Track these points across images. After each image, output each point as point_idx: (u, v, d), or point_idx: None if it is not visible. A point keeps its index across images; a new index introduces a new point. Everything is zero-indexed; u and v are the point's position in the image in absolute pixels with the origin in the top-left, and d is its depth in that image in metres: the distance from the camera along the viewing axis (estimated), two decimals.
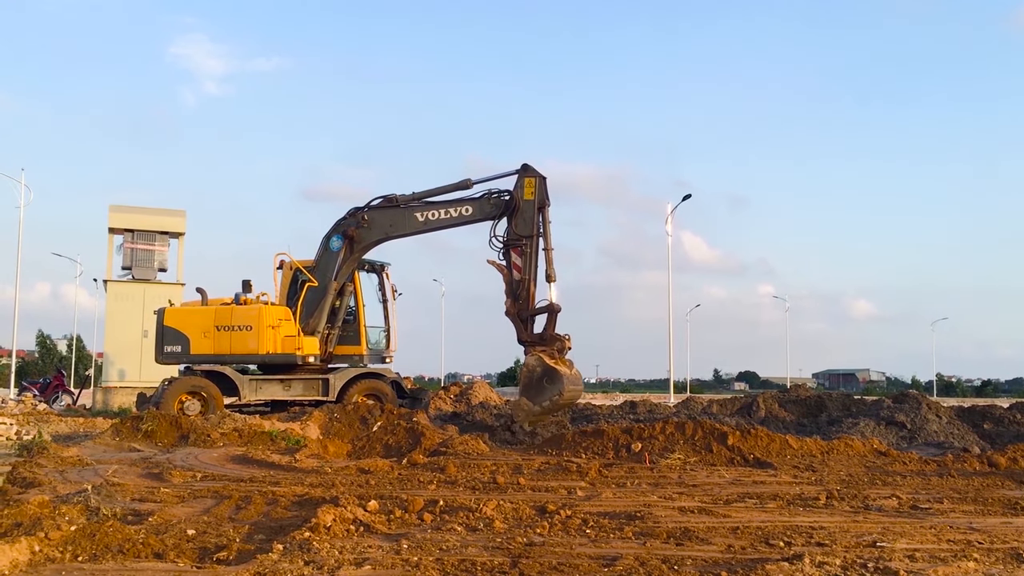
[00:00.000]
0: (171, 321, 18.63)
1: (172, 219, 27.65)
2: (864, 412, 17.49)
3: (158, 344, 18.73)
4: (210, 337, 18.42)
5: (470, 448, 12.66)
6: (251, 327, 18.42)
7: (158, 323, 18.82)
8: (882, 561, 5.61)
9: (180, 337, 18.50)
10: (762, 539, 6.47)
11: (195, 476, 9.89)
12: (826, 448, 12.67)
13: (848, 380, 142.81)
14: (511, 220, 17.24)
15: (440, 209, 17.86)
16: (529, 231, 17.09)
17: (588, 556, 5.78)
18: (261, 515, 7.42)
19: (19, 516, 6.26)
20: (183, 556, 5.68)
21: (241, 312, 18.53)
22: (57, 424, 18.86)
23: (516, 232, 17.12)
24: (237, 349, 18.45)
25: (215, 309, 18.67)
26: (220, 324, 18.48)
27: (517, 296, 16.96)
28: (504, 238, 17.29)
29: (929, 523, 7.27)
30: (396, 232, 18.28)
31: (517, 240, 17.08)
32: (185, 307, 19.42)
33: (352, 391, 18.59)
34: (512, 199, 17.31)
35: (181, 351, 18.48)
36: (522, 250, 17.05)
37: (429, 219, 17.92)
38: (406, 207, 17.95)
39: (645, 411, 19.33)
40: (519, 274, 17.02)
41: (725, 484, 9.77)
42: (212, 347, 18.44)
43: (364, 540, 6.24)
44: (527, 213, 17.17)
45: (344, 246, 18.31)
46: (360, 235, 18.20)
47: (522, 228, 17.09)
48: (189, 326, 18.60)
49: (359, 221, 18.14)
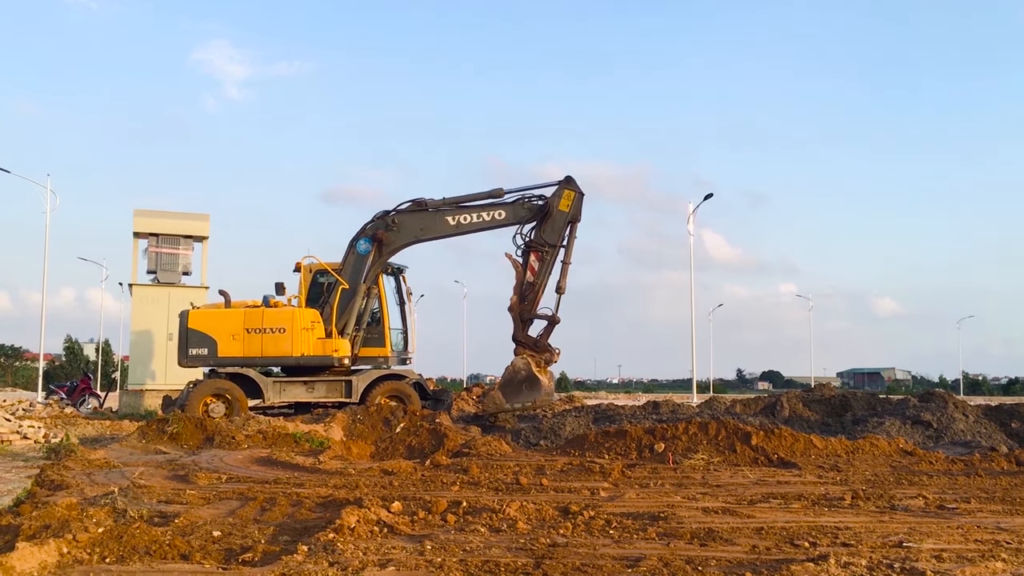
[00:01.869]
0: (196, 324, 18.58)
1: (196, 223, 27.86)
2: (890, 411, 17.34)
3: (182, 347, 18.69)
4: (239, 340, 18.44)
5: (493, 449, 12.67)
6: (284, 329, 18.53)
7: (182, 326, 18.79)
8: (908, 561, 5.56)
9: (206, 340, 18.49)
10: (787, 539, 6.44)
11: (220, 478, 9.96)
12: (851, 448, 12.58)
13: (873, 379, 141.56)
14: (540, 224, 17.58)
15: (472, 213, 18.13)
16: (555, 240, 17.50)
17: (611, 557, 5.77)
18: (286, 516, 7.46)
19: (48, 518, 6.32)
20: (209, 557, 5.73)
21: (273, 314, 18.60)
22: (84, 427, 19.04)
23: (542, 237, 17.47)
24: (269, 352, 18.49)
25: (244, 311, 18.70)
26: (250, 327, 18.49)
27: (524, 297, 17.40)
28: (528, 239, 17.61)
29: (956, 523, 7.21)
30: (427, 235, 18.53)
31: (541, 245, 17.43)
32: (211, 309, 19.35)
33: (375, 393, 18.66)
34: (546, 205, 17.65)
35: (208, 354, 18.46)
36: (542, 255, 17.42)
37: (461, 223, 18.15)
38: (436, 211, 18.16)
39: (668, 411, 19.23)
40: (532, 276, 17.40)
41: (749, 484, 9.73)
42: (242, 350, 18.45)
43: (388, 541, 6.26)
44: (558, 222, 17.54)
45: (373, 249, 18.48)
46: (389, 238, 18.38)
47: (549, 235, 17.45)
48: (216, 329, 18.58)
49: (388, 224, 18.32)
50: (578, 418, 16.51)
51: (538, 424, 16.05)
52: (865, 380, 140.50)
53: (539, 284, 17.44)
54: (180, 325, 18.91)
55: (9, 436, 14.74)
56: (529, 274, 17.46)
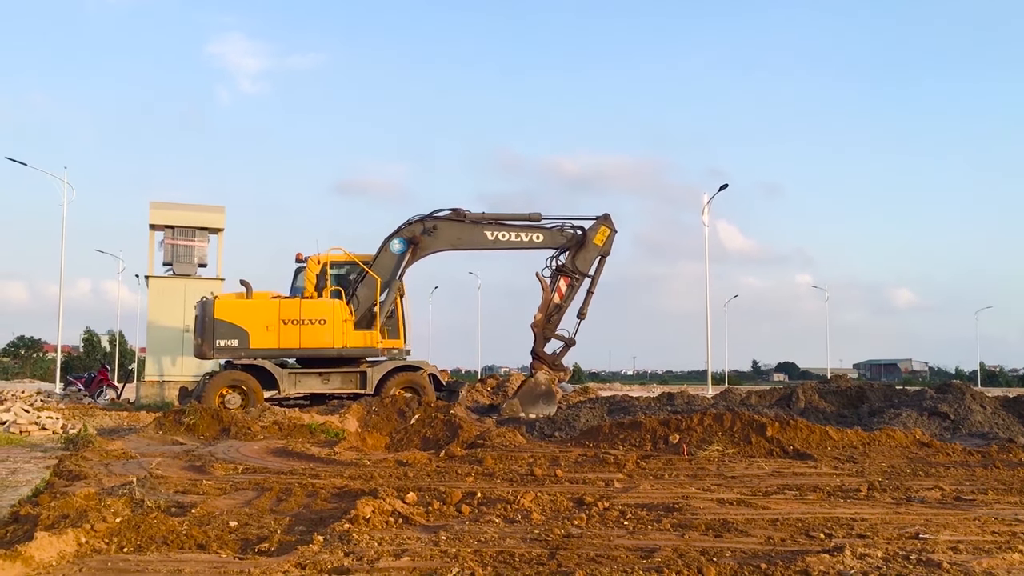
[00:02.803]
0: (225, 314, 18.26)
1: (211, 215, 27.93)
2: (906, 403, 17.24)
3: (208, 338, 18.26)
4: (273, 331, 18.27)
5: (507, 440, 12.68)
6: (325, 320, 18.54)
7: (205, 316, 18.40)
8: (925, 553, 5.53)
9: (236, 331, 18.21)
10: (802, 531, 6.42)
11: (236, 469, 10.01)
12: (867, 439, 12.51)
13: (890, 370, 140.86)
14: (575, 253, 18.93)
15: (511, 232, 19.17)
16: (586, 269, 18.97)
17: (626, 548, 5.77)
18: (301, 507, 7.50)
19: (66, 508, 6.37)
20: (225, 547, 5.76)
21: (312, 306, 18.55)
22: (101, 418, 19.20)
23: (574, 264, 18.87)
24: (308, 343, 18.44)
25: (279, 302, 18.60)
26: (287, 318, 18.34)
27: (549, 317, 18.75)
28: (560, 264, 18.97)
29: (973, 515, 7.16)
30: (462, 246, 19.49)
31: (572, 272, 18.86)
32: (241, 299, 18.92)
33: (390, 384, 18.74)
34: (583, 235, 18.99)
35: (239, 345, 18.22)
36: (572, 281, 18.86)
37: (499, 239, 19.13)
38: (474, 223, 19.07)
39: (683, 403, 19.18)
40: (559, 299, 18.78)
41: (764, 476, 9.70)
42: (277, 341, 18.30)
43: (403, 532, 6.28)
44: (591, 253, 19.00)
45: (408, 250, 19.01)
46: (426, 242, 19.03)
47: (582, 264, 18.89)
48: (248, 319, 18.30)
49: (427, 229, 18.95)
50: (592, 409, 16.50)
51: (552, 416, 16.08)
52: (881, 371, 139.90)
53: (564, 307, 18.81)
54: (203, 315, 18.49)
55: (28, 427, 14.88)
56: (557, 296, 18.73)
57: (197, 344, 18.86)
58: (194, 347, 19.26)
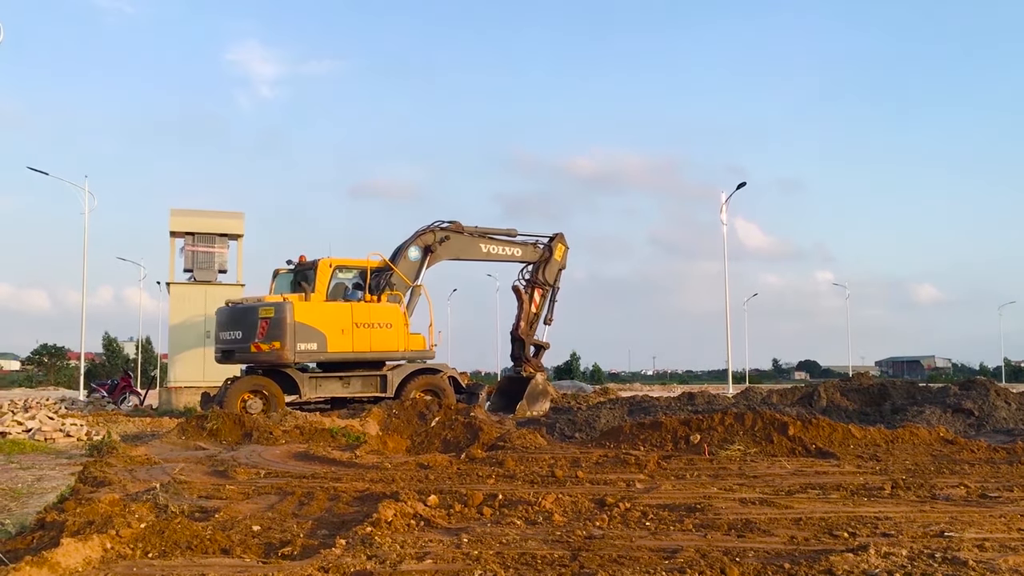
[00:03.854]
0: (305, 317, 17.91)
1: (231, 221, 28.10)
2: (930, 400, 17.11)
3: (289, 341, 17.53)
4: (348, 334, 18.29)
5: (528, 442, 12.68)
6: (391, 324, 18.83)
7: (285, 317, 17.60)
8: (950, 551, 5.49)
9: (315, 334, 17.97)
10: (826, 530, 6.38)
11: (259, 473, 10.06)
12: (890, 437, 12.43)
13: (912, 367, 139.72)
14: (543, 267, 22.15)
15: (499, 246, 21.62)
16: (552, 281, 22.31)
17: (648, 549, 5.75)
18: (324, 511, 7.52)
19: (91, 514, 6.43)
20: (249, 551, 5.79)
21: (380, 309, 18.77)
22: (125, 424, 19.33)
23: (543, 277, 22.13)
24: (377, 347, 18.67)
25: (351, 305, 18.69)
26: (359, 321, 18.43)
27: (531, 324, 22.01)
28: (531, 276, 22.13)
29: (999, 512, 7.10)
30: (463, 256, 21.12)
31: (544, 283, 22.12)
32: (318, 303, 18.51)
33: (410, 387, 18.80)
34: (549, 251, 22.20)
35: (317, 348, 18.05)
36: (544, 292, 22.14)
37: (490, 252, 21.45)
38: (472, 236, 21.04)
39: (704, 402, 19.12)
40: (535, 308, 22.02)
41: (786, 475, 9.65)
42: (351, 345, 18.35)
43: (425, 534, 6.29)
44: (555, 268, 22.37)
45: (426, 258, 20.08)
46: (439, 251, 20.29)
47: (550, 276, 22.25)
48: (325, 322, 18.16)
49: (440, 239, 20.33)
50: (613, 410, 16.48)
51: (573, 417, 16.06)
52: (904, 368, 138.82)
53: (539, 315, 22.14)
54: (281, 316, 17.68)
55: (53, 434, 15.00)
56: (533, 306, 21.92)
57: (275, 348, 17.75)
58: (264, 351, 17.95)
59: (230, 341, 18.56)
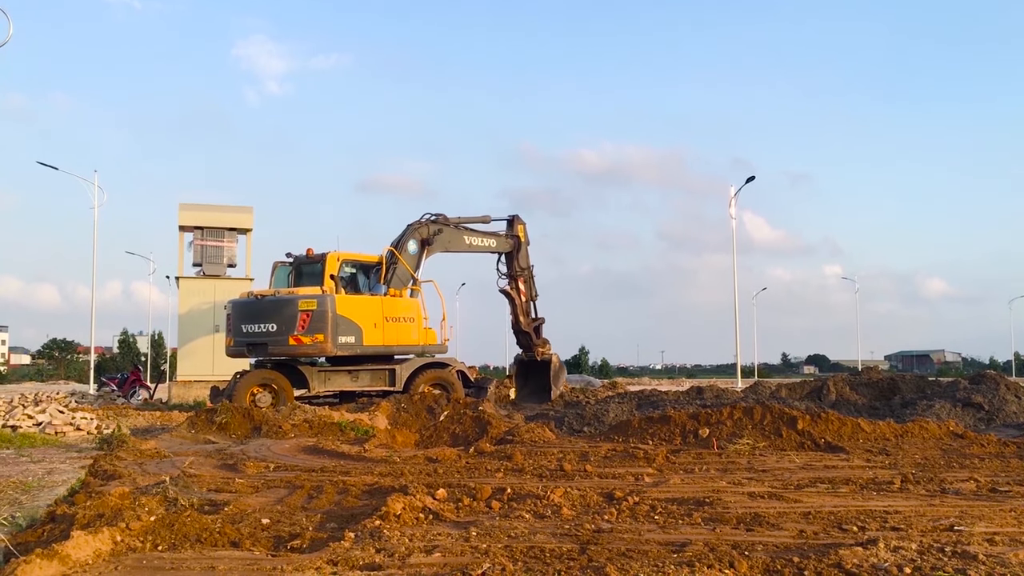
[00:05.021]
0: (344, 310, 17.89)
1: (239, 215, 28.13)
2: (939, 394, 17.06)
3: (330, 334, 17.45)
4: (379, 328, 18.38)
5: (536, 436, 12.69)
6: (413, 319, 19.01)
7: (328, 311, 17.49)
8: (960, 545, 5.47)
9: (353, 327, 17.96)
10: (835, 524, 6.37)
11: (268, 467, 10.09)
12: (900, 431, 12.40)
13: (922, 361, 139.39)
14: (515, 256, 22.33)
15: (479, 238, 21.83)
16: (527, 264, 22.65)
17: (657, 542, 5.75)
18: (332, 504, 7.54)
19: (101, 507, 6.45)
20: (258, 544, 5.81)
21: (406, 304, 18.91)
22: (135, 418, 19.41)
23: (520, 265, 22.37)
24: (403, 340, 18.80)
25: (381, 299, 18.68)
26: (389, 315, 18.52)
27: (528, 313, 22.62)
28: (509, 271, 22.41)
29: (1009, 506, 7.07)
30: (451, 248, 21.15)
31: (522, 271, 22.42)
32: (354, 296, 18.54)
33: (418, 381, 18.78)
34: (515, 238, 22.37)
35: (355, 341, 18.04)
36: (526, 279, 22.58)
37: (472, 244, 21.67)
38: (457, 228, 21.23)
39: (712, 396, 19.12)
40: (524, 298, 22.50)
41: (795, 469, 9.63)
42: (382, 338, 18.45)
43: (433, 528, 6.30)
44: (525, 252, 22.65)
45: (423, 251, 20.07)
46: (435, 243, 20.30)
47: (523, 261, 22.55)
48: (361, 316, 18.20)
49: (433, 232, 20.36)
50: (621, 404, 16.49)
51: (582, 411, 16.08)
52: (914, 363, 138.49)
53: (533, 299, 22.87)
54: (323, 310, 17.49)
55: (63, 428, 15.09)
56: (522, 296, 22.44)
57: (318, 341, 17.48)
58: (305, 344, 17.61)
59: (260, 334, 18.06)
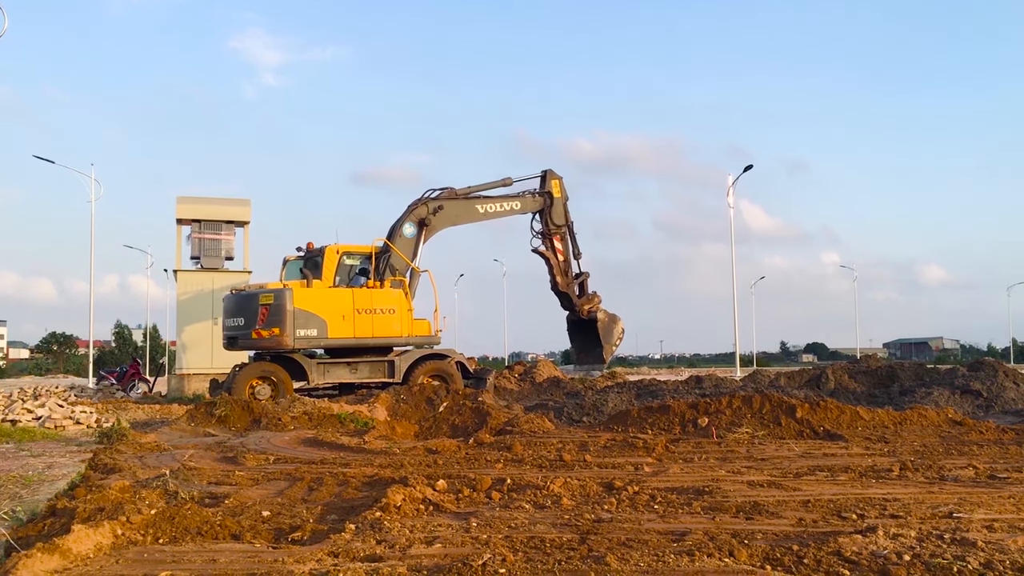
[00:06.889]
0: (304, 303, 17.88)
1: (237, 208, 28.06)
2: (938, 381, 17.09)
3: (287, 327, 17.53)
4: (349, 320, 18.25)
5: (536, 427, 12.70)
6: (394, 310, 18.78)
7: (283, 305, 17.61)
8: (959, 532, 5.49)
9: (315, 320, 17.93)
10: (834, 512, 6.38)
11: (268, 459, 10.10)
12: (899, 419, 12.42)
13: (920, 349, 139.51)
14: (548, 212, 21.49)
15: (496, 203, 21.12)
16: (564, 220, 21.69)
17: (657, 532, 5.76)
18: (333, 496, 7.55)
19: (101, 501, 6.46)
20: (259, 537, 5.81)
21: (383, 295, 18.71)
22: (134, 411, 19.40)
23: (554, 223, 21.53)
24: (380, 332, 18.62)
25: (353, 292, 18.61)
26: (361, 308, 18.37)
27: (566, 272, 21.65)
28: (543, 229, 21.57)
29: (1008, 493, 7.09)
30: (460, 221, 20.62)
31: (558, 229, 21.58)
32: (318, 289, 18.42)
33: (417, 373, 18.80)
34: (548, 195, 21.52)
35: (318, 334, 18.01)
36: (562, 236, 21.68)
37: (488, 211, 20.92)
38: (466, 199, 20.53)
39: (711, 385, 19.15)
40: (562, 256, 21.64)
41: (795, 457, 9.65)
42: (352, 330, 18.33)
43: (434, 519, 6.30)
44: (560, 207, 21.67)
45: (421, 232, 19.77)
46: (434, 222, 19.86)
47: (558, 218, 21.61)
48: (326, 308, 18.13)
49: (433, 209, 19.85)
50: (621, 394, 16.51)
51: (581, 401, 16.09)
52: (912, 350, 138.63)
53: (570, 258, 21.75)
54: (280, 303, 17.66)
55: (62, 422, 15.07)
56: (559, 255, 21.54)
57: (275, 335, 17.72)
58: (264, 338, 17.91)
59: (234, 328, 18.60)
